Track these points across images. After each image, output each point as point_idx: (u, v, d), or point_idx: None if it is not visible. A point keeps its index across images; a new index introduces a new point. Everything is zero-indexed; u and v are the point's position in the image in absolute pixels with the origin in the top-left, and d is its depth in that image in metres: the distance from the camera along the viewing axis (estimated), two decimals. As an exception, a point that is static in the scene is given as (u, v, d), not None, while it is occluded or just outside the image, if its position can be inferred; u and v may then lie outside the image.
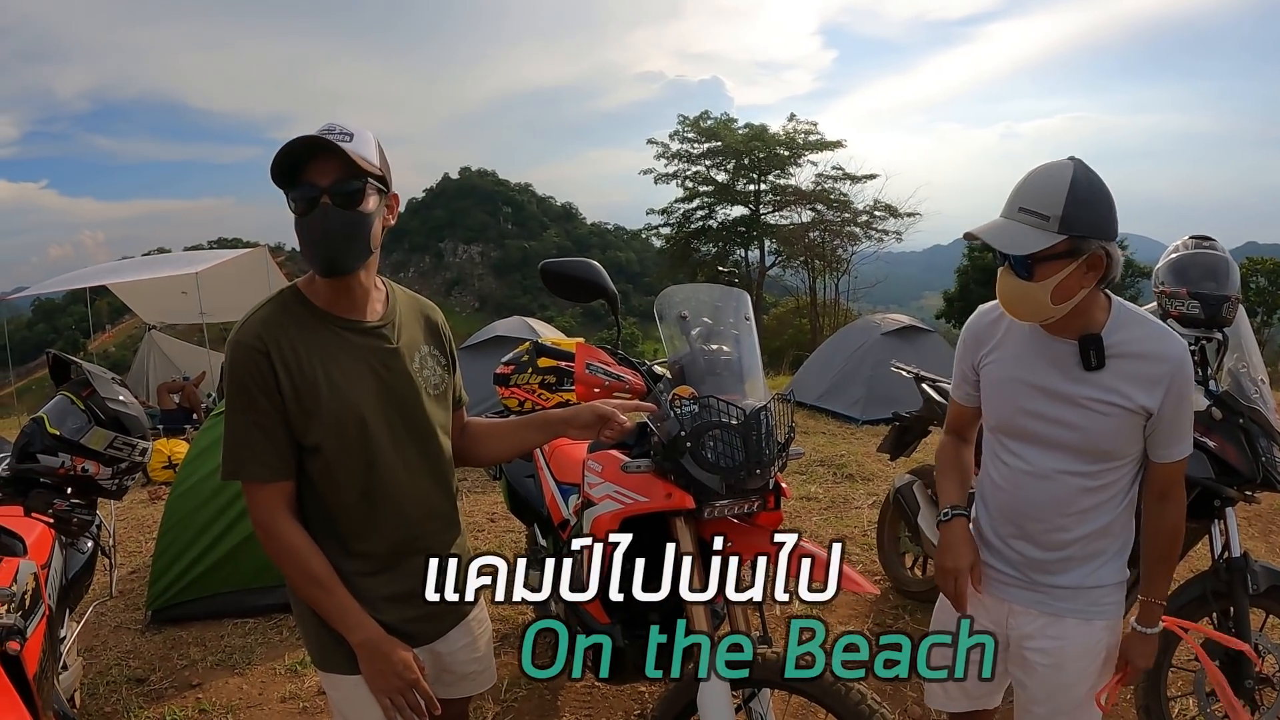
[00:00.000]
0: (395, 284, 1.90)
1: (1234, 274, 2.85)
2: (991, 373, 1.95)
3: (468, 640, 1.95)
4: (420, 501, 1.80)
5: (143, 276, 10.94)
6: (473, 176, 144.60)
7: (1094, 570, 1.90)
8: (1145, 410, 1.77)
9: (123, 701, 3.50)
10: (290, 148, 1.57)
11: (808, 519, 5.54)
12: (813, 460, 7.10)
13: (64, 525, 2.60)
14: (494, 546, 5.12)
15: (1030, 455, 1.89)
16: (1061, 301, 1.73)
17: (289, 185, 1.60)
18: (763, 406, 2.07)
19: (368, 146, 1.64)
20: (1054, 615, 1.91)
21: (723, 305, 2.38)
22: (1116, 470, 1.85)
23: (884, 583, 4.31)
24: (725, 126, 32.48)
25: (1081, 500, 1.86)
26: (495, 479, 3.51)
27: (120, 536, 5.84)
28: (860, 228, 29.89)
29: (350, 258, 1.64)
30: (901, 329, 10.22)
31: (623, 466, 2.15)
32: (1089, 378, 1.79)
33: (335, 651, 1.73)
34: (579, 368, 2.20)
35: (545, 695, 3.35)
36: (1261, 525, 5.17)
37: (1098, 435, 1.80)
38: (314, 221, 1.60)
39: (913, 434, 4.33)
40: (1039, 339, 1.85)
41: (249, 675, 3.68)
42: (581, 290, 2.27)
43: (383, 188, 1.68)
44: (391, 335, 1.77)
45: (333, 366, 1.68)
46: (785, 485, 2.20)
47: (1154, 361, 1.76)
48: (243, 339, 1.65)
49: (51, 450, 2.55)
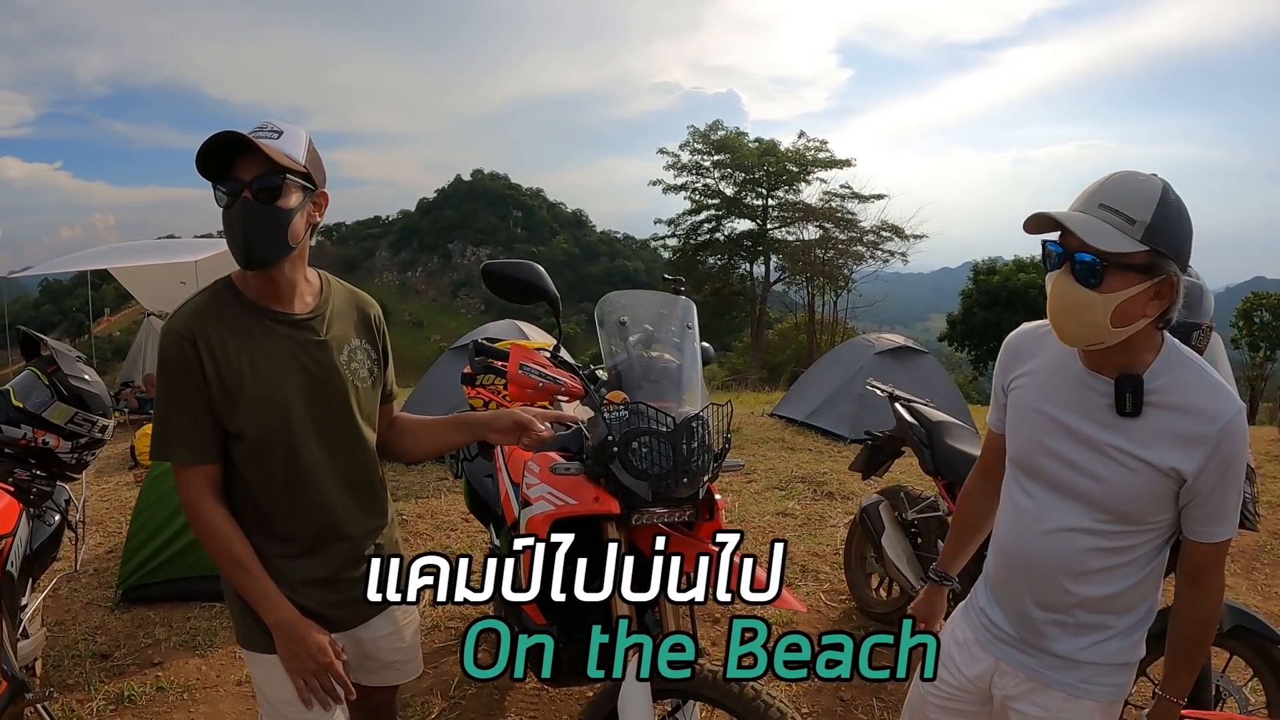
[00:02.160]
0: (333, 278, 1.95)
1: (1207, 301, 2.72)
2: (1018, 397, 1.74)
3: (391, 629, 2.00)
4: (342, 490, 1.85)
5: (143, 262, 10.96)
6: (484, 179, 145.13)
7: (1094, 644, 1.68)
8: (1177, 474, 1.52)
9: (85, 675, 3.55)
10: (212, 143, 1.62)
11: (782, 535, 5.55)
12: (793, 477, 7.12)
13: (23, 494, 2.65)
14: (465, 546, 5.15)
15: (1042, 499, 1.68)
16: (1120, 325, 1.49)
17: (218, 178, 1.66)
18: (695, 415, 2.07)
19: (296, 144, 1.69)
20: (1041, 684, 1.72)
21: (666, 313, 2.39)
22: (1136, 536, 1.61)
23: (849, 603, 4.33)
24: (736, 139, 32.58)
25: (1089, 561, 1.63)
26: (457, 478, 3.54)
27: (101, 516, 5.90)
28: (866, 247, 29.96)
29: (268, 251, 1.69)
30: (895, 349, 10.20)
31: (551, 468, 2.17)
32: (1121, 425, 1.56)
33: (257, 631, 1.78)
34: (512, 368, 2.23)
35: (493, 694, 3.38)
36: (1245, 562, 5.14)
37: (1119, 492, 1.57)
38: (235, 214, 1.66)
39: (885, 453, 4.31)
40: (1074, 371, 1.63)
41: (209, 658, 3.72)
42: (523, 292, 2.28)
43: (308, 185, 1.73)
44: (320, 328, 1.82)
45: (258, 357, 1.74)
46: (720, 497, 2.22)
47: (1197, 418, 1.51)
48: (173, 327, 1.71)
49: (14, 422, 2.62)
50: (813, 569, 4.86)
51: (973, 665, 1.84)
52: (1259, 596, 4.60)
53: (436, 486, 6.61)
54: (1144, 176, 1.50)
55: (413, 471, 7.05)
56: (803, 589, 4.54)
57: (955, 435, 3.73)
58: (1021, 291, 28.07)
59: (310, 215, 1.76)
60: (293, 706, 1.77)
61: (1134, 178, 1.50)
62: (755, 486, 6.85)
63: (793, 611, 4.15)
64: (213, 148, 1.63)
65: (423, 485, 6.69)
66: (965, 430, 3.81)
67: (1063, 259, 1.51)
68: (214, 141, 1.63)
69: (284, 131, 1.70)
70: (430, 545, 5.23)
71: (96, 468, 7.47)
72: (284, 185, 1.67)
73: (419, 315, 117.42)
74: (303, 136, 1.73)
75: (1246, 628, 2.65)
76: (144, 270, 11.51)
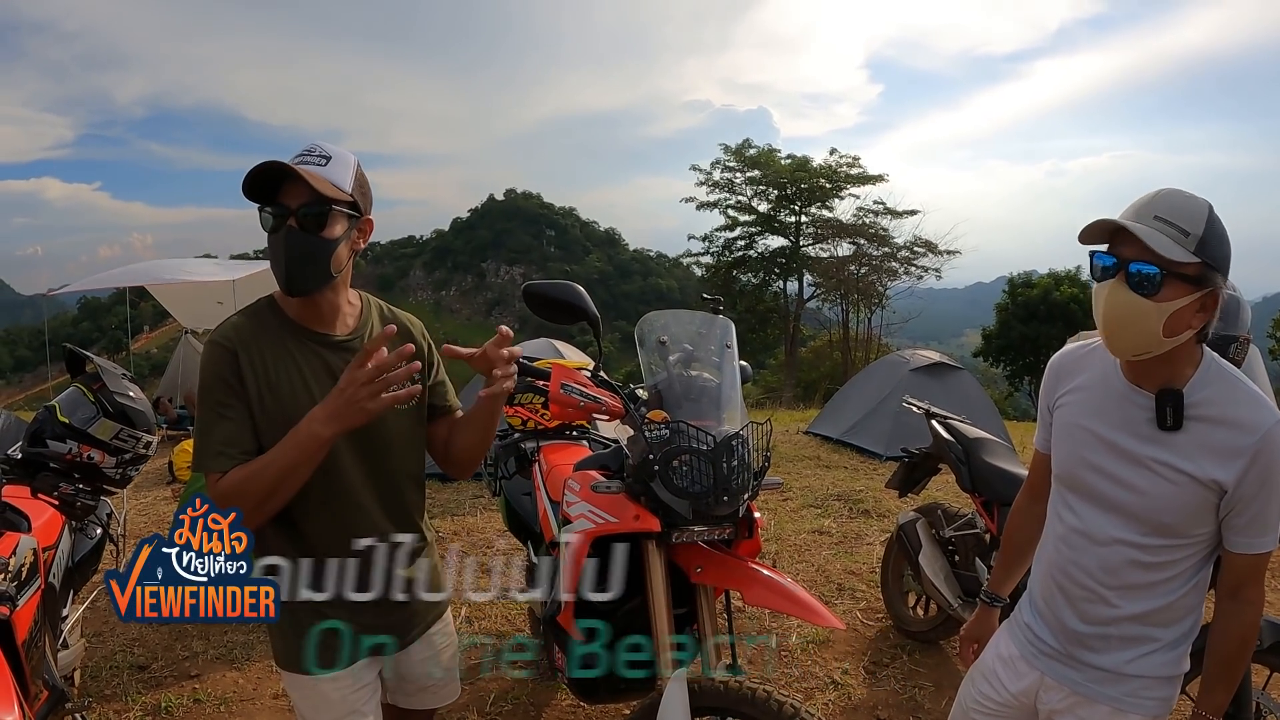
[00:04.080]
0: (375, 299, 1.95)
1: (1244, 314, 2.68)
2: (1063, 415, 1.77)
3: (430, 653, 1.99)
4: (377, 511, 1.84)
5: (180, 279, 11.07)
6: (518, 198, 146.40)
7: (1138, 657, 1.69)
8: (1218, 485, 1.55)
9: (122, 686, 3.61)
10: (259, 170, 1.63)
11: (818, 553, 5.49)
12: (829, 495, 7.06)
13: (68, 508, 2.70)
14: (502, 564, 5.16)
15: (1085, 514, 1.70)
16: (1170, 336, 1.52)
17: (266, 201, 1.67)
18: (735, 434, 2.07)
19: (344, 171, 1.70)
20: (1085, 698, 1.73)
21: (705, 333, 2.39)
22: (1179, 550, 1.63)
23: (886, 621, 4.27)
24: (768, 156, 32.54)
25: (1132, 574, 1.65)
26: (495, 495, 3.55)
27: (140, 530, 6.01)
28: (900, 262, 29.71)
29: (310, 280, 1.70)
30: (931, 365, 10.09)
31: (592, 486, 2.17)
32: (1162, 438, 1.59)
33: (295, 651, 1.78)
34: (554, 388, 2.24)
35: (529, 711, 3.37)
36: (1271, 573, 5.01)
37: (1161, 505, 1.59)
38: (279, 241, 1.67)
39: (922, 470, 4.26)
40: (1117, 386, 1.66)
41: (246, 671, 3.75)
42: (564, 312, 2.28)
43: (354, 213, 1.73)
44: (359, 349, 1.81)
45: (295, 375, 1.74)
46: (759, 515, 2.21)
47: (1237, 430, 1.54)
48: (216, 339, 1.73)
49: (61, 437, 2.67)
50: (849, 587, 4.79)
51: (1018, 681, 1.84)
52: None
53: (473, 504, 6.63)
54: (1191, 193, 1.55)
55: (448, 489, 7.09)
56: (840, 607, 4.49)
57: (992, 452, 3.66)
58: (1062, 305, 27.64)
59: (355, 243, 1.77)
60: None
61: (1183, 194, 1.55)
62: (791, 504, 6.80)
63: (830, 629, 4.10)
64: (259, 174, 1.64)
65: (459, 503, 6.72)
66: (1002, 447, 3.74)
67: (1116, 269, 1.54)
68: (261, 170, 1.63)
69: (332, 157, 1.70)
70: (464, 562, 5.24)
71: (135, 483, 7.60)
72: (330, 215, 1.67)
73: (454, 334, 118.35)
74: (351, 162, 1.73)
75: None
76: (182, 288, 11.71)
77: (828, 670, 3.74)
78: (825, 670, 3.74)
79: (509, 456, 3.27)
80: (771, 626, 4.12)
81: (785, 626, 4.09)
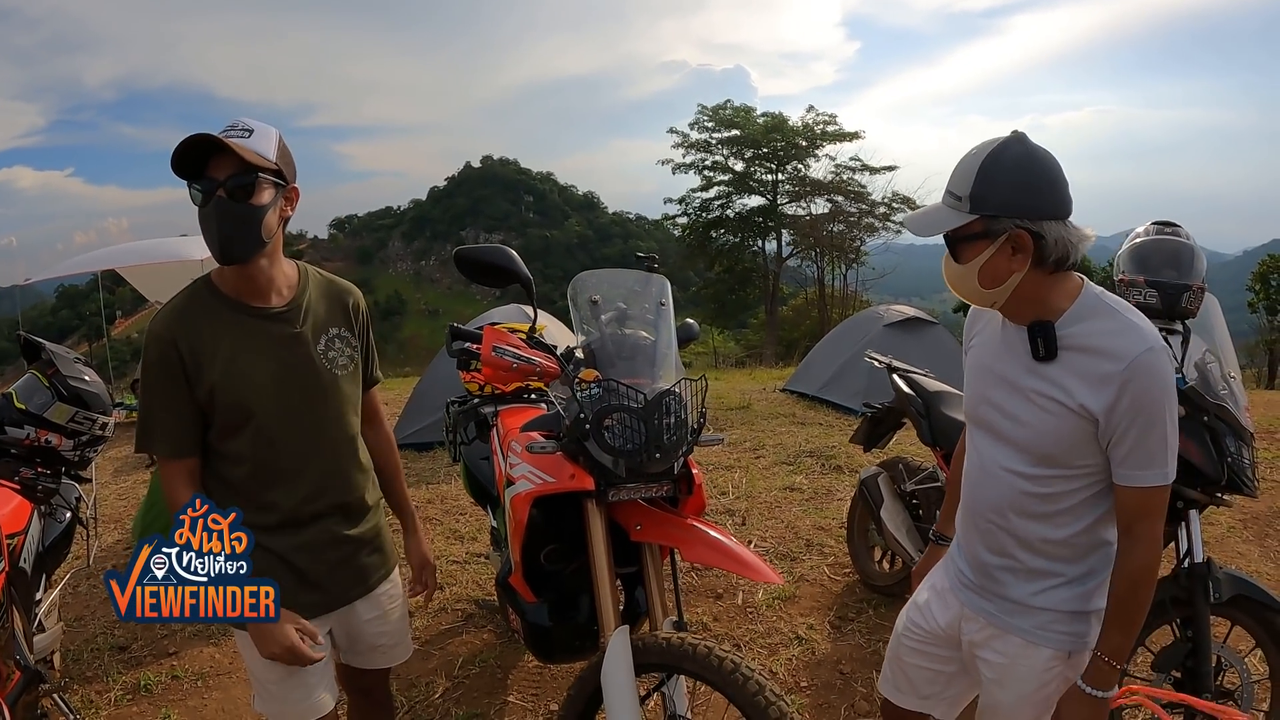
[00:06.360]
0: (312, 268, 2.01)
1: (1198, 262, 2.68)
2: (970, 358, 1.89)
3: (376, 613, 2.06)
4: (320, 478, 1.92)
5: (147, 261, 10.98)
6: (495, 165, 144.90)
7: (1043, 590, 1.75)
8: (1088, 412, 1.59)
9: (103, 666, 3.66)
10: (185, 145, 1.68)
11: (789, 510, 5.57)
12: (802, 451, 7.14)
13: (29, 492, 2.74)
14: (473, 530, 5.23)
15: (985, 447, 1.80)
16: (991, 285, 1.64)
17: (193, 178, 1.72)
18: (667, 390, 2.10)
19: (266, 143, 1.76)
20: (1000, 630, 1.81)
21: (640, 291, 2.41)
22: (1067, 481, 1.68)
23: (852, 576, 4.35)
24: (744, 115, 32.33)
25: (1026, 504, 1.72)
26: (455, 462, 3.58)
27: (120, 514, 6.03)
28: (877, 219, 29.76)
29: (243, 247, 1.76)
30: (905, 320, 10.14)
31: (529, 446, 2.21)
32: (1038, 369, 1.66)
33: None
34: (485, 351, 2.26)
35: (495, 674, 3.45)
36: (1257, 529, 5.04)
37: (1041, 434, 1.66)
38: (210, 213, 1.73)
39: (886, 425, 4.26)
40: (1006, 326, 1.75)
41: (222, 646, 3.81)
42: (496, 276, 2.32)
43: (280, 182, 1.79)
44: (296, 319, 1.89)
45: (234, 350, 1.81)
46: (697, 470, 2.25)
47: (1105, 358, 1.58)
48: (154, 329, 1.80)
49: (18, 423, 2.72)
50: (818, 543, 4.88)
51: (945, 612, 1.95)
52: (1271, 564, 4.54)
53: (447, 473, 6.68)
54: (978, 148, 1.63)
55: (424, 458, 7.14)
56: (807, 563, 4.57)
57: (952, 405, 3.70)
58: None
59: (283, 210, 1.83)
60: (280, 685, 1.85)
61: (967, 155, 1.64)
62: (764, 462, 6.88)
63: (795, 585, 4.20)
64: (187, 149, 1.69)
65: (433, 471, 6.77)
66: (962, 399, 3.79)
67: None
68: (188, 143, 1.68)
69: (254, 130, 1.76)
70: (440, 530, 5.30)
71: (114, 467, 7.61)
72: (256, 183, 1.73)
73: (434, 303, 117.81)
74: (273, 134, 1.79)
75: (1247, 596, 2.54)
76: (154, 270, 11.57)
77: (793, 626, 3.83)
78: (790, 626, 3.83)
79: (468, 421, 3.30)
80: (739, 584, 4.20)
81: (752, 584, 4.16)
